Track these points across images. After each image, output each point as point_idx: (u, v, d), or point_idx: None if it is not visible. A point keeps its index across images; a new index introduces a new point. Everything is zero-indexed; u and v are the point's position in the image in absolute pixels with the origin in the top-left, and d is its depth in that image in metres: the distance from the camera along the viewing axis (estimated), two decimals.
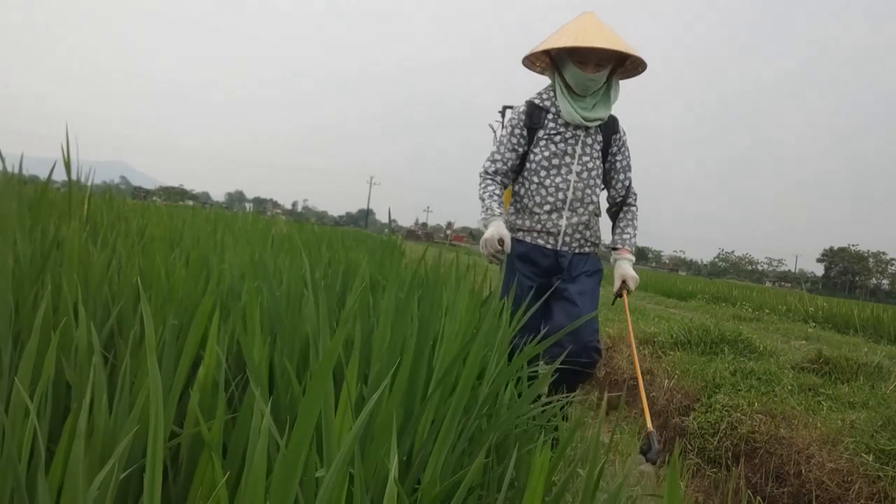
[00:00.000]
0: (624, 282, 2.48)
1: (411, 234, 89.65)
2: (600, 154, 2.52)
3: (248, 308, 1.15)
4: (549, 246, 2.49)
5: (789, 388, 3.60)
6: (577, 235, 2.49)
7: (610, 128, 2.52)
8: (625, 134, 2.56)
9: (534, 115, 2.50)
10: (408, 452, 1.16)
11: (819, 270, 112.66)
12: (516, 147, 2.53)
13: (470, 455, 1.27)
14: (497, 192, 2.49)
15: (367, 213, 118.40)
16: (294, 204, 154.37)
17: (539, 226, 2.49)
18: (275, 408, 1.12)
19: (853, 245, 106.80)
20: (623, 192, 2.58)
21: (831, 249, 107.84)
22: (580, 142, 2.48)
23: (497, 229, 2.36)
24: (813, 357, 4.24)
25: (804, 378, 3.84)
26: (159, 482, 0.74)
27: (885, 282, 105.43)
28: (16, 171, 2.04)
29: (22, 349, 1.01)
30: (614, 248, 2.58)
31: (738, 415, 3.20)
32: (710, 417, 3.31)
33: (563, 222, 2.47)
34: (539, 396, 1.61)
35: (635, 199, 2.62)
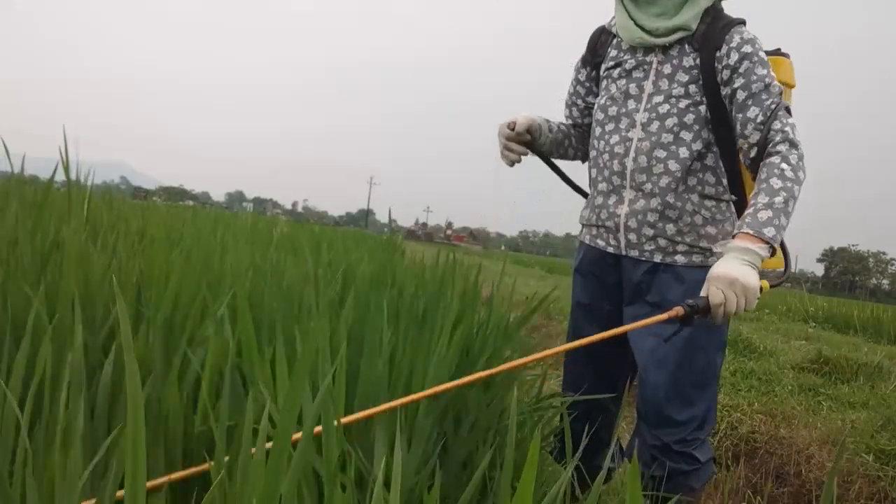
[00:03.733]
0: (709, 295, 1.27)
1: (411, 234, 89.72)
2: (688, 88, 1.48)
3: (248, 307, 1.15)
4: (609, 249, 1.59)
5: (789, 388, 3.60)
6: (649, 231, 1.51)
7: (710, 41, 1.44)
8: (746, 43, 1.42)
9: (598, 45, 1.64)
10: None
11: (819, 270, 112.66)
12: (576, 100, 1.73)
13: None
14: (560, 123, 1.74)
15: (367, 213, 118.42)
16: (294, 204, 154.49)
17: (595, 216, 1.62)
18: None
19: (853, 245, 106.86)
20: (755, 138, 1.40)
21: (831, 249, 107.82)
22: (652, 73, 1.52)
23: (513, 116, 1.60)
24: (813, 357, 4.25)
25: (804, 378, 3.84)
26: (143, 478, 0.74)
27: (885, 282, 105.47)
28: (17, 171, 2.04)
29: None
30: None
31: (738, 415, 3.20)
32: None
33: (624, 209, 1.54)
34: None
35: (784, 142, 1.37)
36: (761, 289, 1.28)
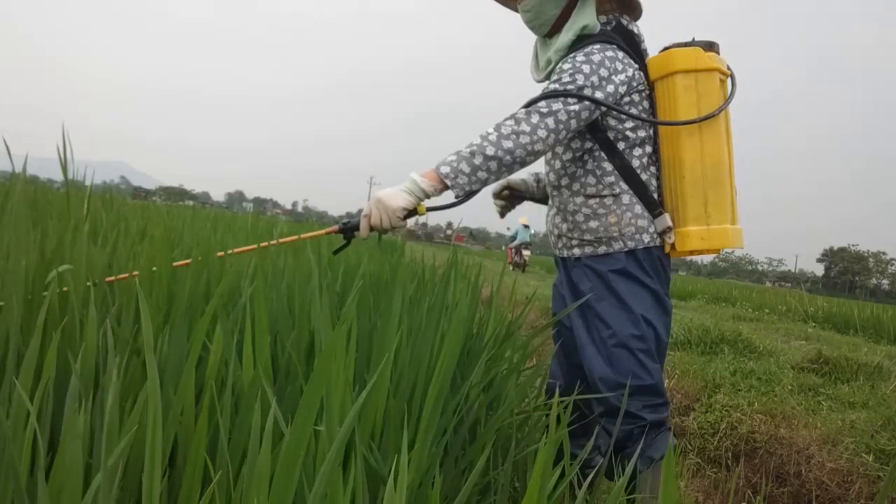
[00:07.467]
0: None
1: (411, 234, 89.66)
2: None
3: (252, 307, 1.15)
4: (554, 249, 1.85)
5: (789, 388, 3.60)
6: (555, 230, 1.79)
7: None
8: (574, 56, 1.60)
9: None
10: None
11: (819, 270, 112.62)
12: None
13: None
14: None
15: None
16: (294, 204, 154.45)
17: None
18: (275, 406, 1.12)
19: (853, 245, 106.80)
20: None
21: (831, 249, 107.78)
22: None
23: None
24: (813, 357, 4.25)
25: (804, 378, 3.84)
26: (158, 480, 0.75)
27: (885, 282, 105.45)
28: (19, 171, 2.04)
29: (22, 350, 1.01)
30: None
31: (738, 415, 3.20)
32: (710, 417, 3.31)
33: (549, 213, 1.84)
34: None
35: (523, 107, 1.56)
36: (414, 212, 1.49)
